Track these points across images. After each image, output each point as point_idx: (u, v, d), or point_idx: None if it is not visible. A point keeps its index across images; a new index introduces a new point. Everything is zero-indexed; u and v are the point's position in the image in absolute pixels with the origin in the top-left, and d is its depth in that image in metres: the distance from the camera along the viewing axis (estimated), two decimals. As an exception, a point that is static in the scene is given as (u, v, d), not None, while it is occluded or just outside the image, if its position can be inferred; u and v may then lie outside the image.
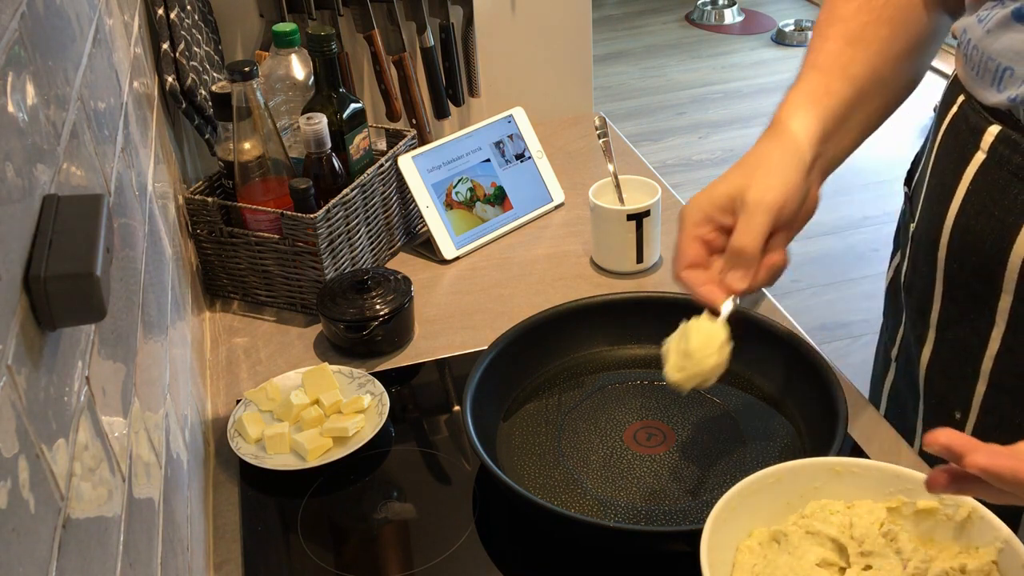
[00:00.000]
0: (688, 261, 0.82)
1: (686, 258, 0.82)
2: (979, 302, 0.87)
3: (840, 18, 0.89)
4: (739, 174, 0.82)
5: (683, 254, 0.83)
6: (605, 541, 0.85)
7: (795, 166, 0.82)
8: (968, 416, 0.91)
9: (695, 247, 0.83)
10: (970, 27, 0.85)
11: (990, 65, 0.82)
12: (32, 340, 0.45)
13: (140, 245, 0.80)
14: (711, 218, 0.82)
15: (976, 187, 0.84)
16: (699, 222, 0.82)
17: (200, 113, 1.23)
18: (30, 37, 0.54)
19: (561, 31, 1.61)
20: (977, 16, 0.84)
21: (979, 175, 0.84)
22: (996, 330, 0.86)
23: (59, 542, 0.43)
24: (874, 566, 0.71)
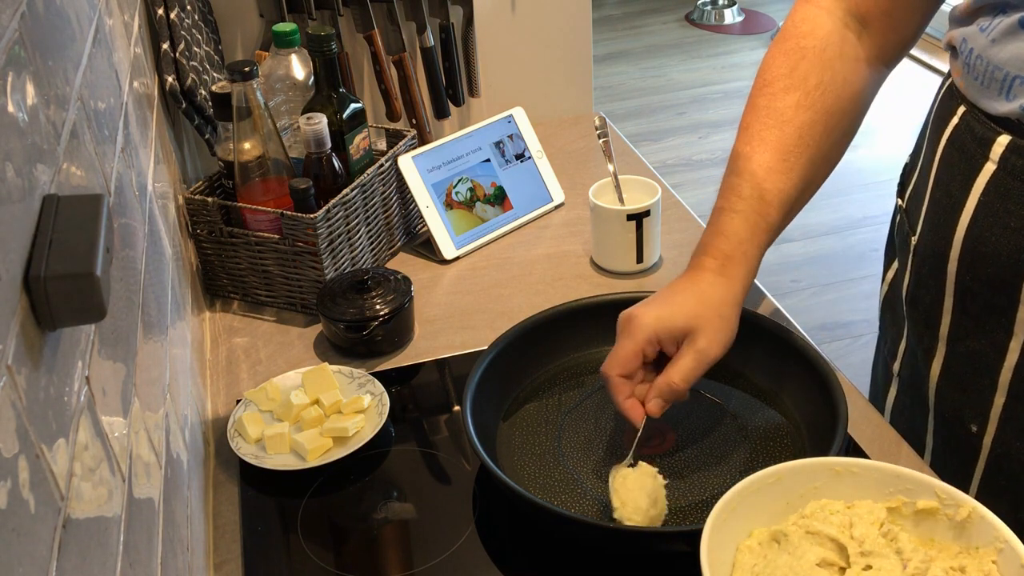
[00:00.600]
0: (626, 370, 0.89)
1: (625, 367, 0.88)
2: (995, 313, 0.86)
3: (779, 117, 0.91)
4: (693, 307, 0.88)
5: (624, 362, 0.88)
6: (605, 541, 0.85)
7: (737, 317, 0.90)
8: (986, 428, 0.90)
9: (636, 360, 0.89)
10: (971, 36, 0.85)
11: (997, 74, 0.81)
12: (32, 340, 0.45)
13: (140, 245, 0.80)
14: (659, 340, 0.88)
15: (988, 198, 0.84)
16: (650, 340, 0.88)
17: (200, 113, 1.23)
18: (30, 37, 0.54)
19: (561, 31, 1.61)
20: (979, 25, 0.84)
21: (990, 186, 0.83)
22: (1015, 341, 0.85)
23: (59, 542, 0.43)
24: (874, 566, 0.71)
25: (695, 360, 0.87)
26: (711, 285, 0.89)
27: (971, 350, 0.90)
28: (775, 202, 0.90)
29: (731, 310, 0.89)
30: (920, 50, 3.73)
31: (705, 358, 0.87)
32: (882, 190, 3.31)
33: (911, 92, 2.90)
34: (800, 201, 0.94)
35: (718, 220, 0.92)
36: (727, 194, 0.92)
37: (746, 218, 0.90)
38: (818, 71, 0.91)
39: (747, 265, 0.90)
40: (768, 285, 1.22)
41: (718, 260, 0.90)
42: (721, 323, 0.88)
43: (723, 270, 0.90)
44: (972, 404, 0.91)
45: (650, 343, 0.88)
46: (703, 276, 0.90)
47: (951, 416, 0.95)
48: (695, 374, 0.87)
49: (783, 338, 1.00)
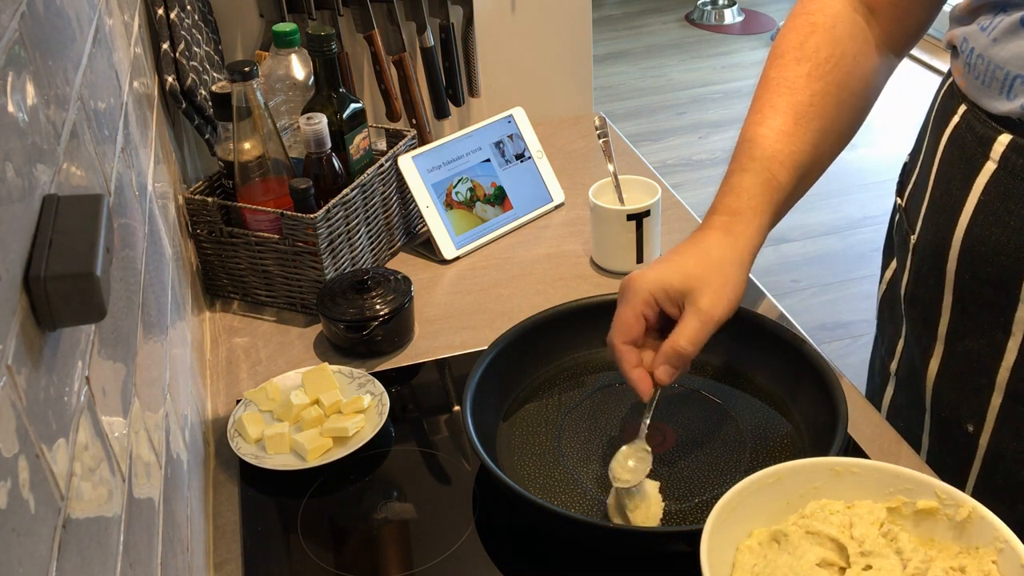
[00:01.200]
0: (629, 336, 0.86)
1: (628, 333, 0.86)
2: (994, 312, 0.86)
3: (790, 86, 0.91)
4: (693, 267, 0.85)
5: (626, 328, 0.86)
6: (605, 541, 0.85)
7: (743, 277, 0.87)
8: (982, 428, 0.90)
9: (639, 325, 0.86)
10: (972, 36, 0.85)
11: (998, 74, 0.81)
12: (32, 340, 0.45)
13: (140, 245, 0.80)
14: (658, 302, 0.85)
15: (988, 197, 0.84)
16: (647, 301, 0.85)
17: (200, 113, 1.23)
18: (30, 37, 0.54)
19: (561, 31, 1.61)
20: (979, 24, 0.84)
21: (990, 185, 0.83)
22: (1013, 340, 0.85)
23: (59, 542, 0.43)
24: (874, 566, 0.71)
25: (699, 321, 0.84)
26: (714, 244, 0.87)
27: (969, 349, 0.90)
28: (787, 163, 0.89)
29: (735, 269, 0.86)
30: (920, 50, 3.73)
31: (709, 319, 0.84)
32: (882, 190, 3.31)
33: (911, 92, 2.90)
34: (811, 170, 0.92)
35: (728, 180, 0.90)
36: (737, 157, 0.91)
37: (756, 175, 0.88)
38: (828, 45, 0.91)
39: (756, 222, 0.88)
40: (768, 285, 1.22)
41: (725, 216, 0.88)
42: (723, 282, 0.85)
43: (729, 227, 0.87)
44: (969, 404, 0.91)
45: (648, 305, 0.85)
46: (707, 235, 0.88)
47: (948, 415, 0.95)
48: (701, 336, 0.84)
49: (783, 338, 1.00)
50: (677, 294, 0.85)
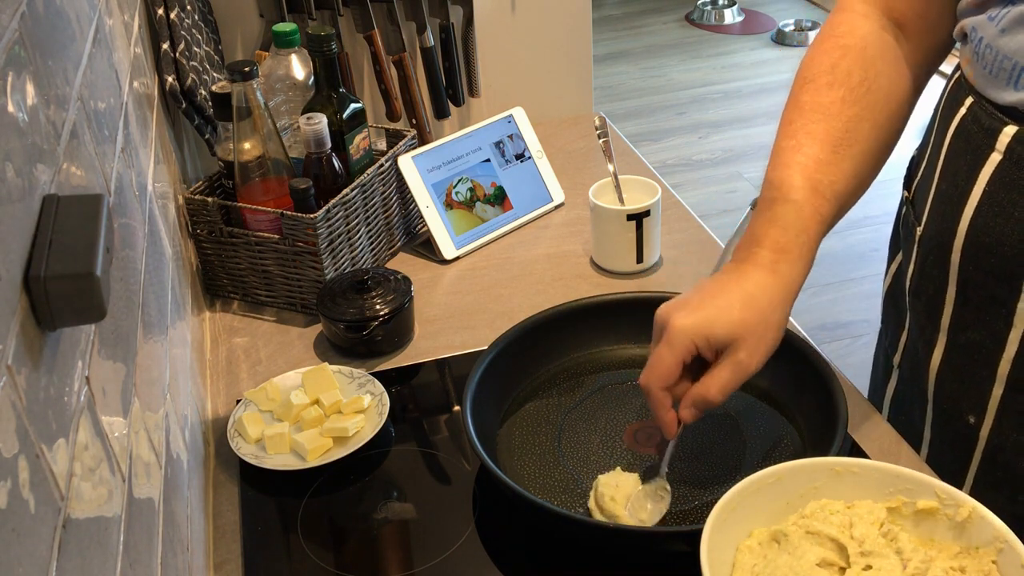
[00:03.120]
0: (667, 383, 0.84)
1: (665, 380, 0.84)
2: (996, 304, 0.86)
3: (824, 112, 0.89)
4: (739, 314, 0.83)
5: (666, 375, 0.84)
6: (605, 541, 0.85)
7: (784, 322, 0.86)
8: (983, 420, 0.90)
9: (676, 372, 0.84)
10: (981, 26, 0.85)
11: (1005, 64, 0.81)
12: (32, 340, 0.45)
13: (140, 245, 0.80)
14: (699, 349, 0.84)
15: (993, 188, 0.83)
16: (689, 349, 0.83)
17: (200, 113, 1.23)
18: (30, 37, 0.54)
19: (561, 31, 1.61)
20: (988, 15, 0.84)
21: (996, 176, 0.83)
22: (1014, 332, 0.85)
23: (59, 542, 0.43)
24: (874, 566, 0.71)
25: (733, 373, 0.83)
26: (759, 286, 0.85)
27: (971, 341, 0.90)
28: (828, 195, 0.87)
29: (779, 315, 0.85)
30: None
31: (744, 371, 0.83)
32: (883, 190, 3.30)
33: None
34: (851, 198, 0.91)
35: (771, 209, 0.87)
36: (777, 185, 0.88)
37: (800, 209, 0.86)
38: (860, 68, 0.90)
39: (803, 261, 0.86)
40: (768, 285, 1.22)
41: (772, 253, 0.85)
42: (765, 331, 0.84)
43: (775, 266, 0.85)
44: (970, 395, 0.91)
45: (689, 352, 0.84)
46: (752, 274, 0.85)
47: (949, 408, 0.95)
48: (732, 387, 0.83)
49: (783, 338, 1.00)
50: (720, 344, 0.83)
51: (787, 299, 0.86)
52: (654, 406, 0.85)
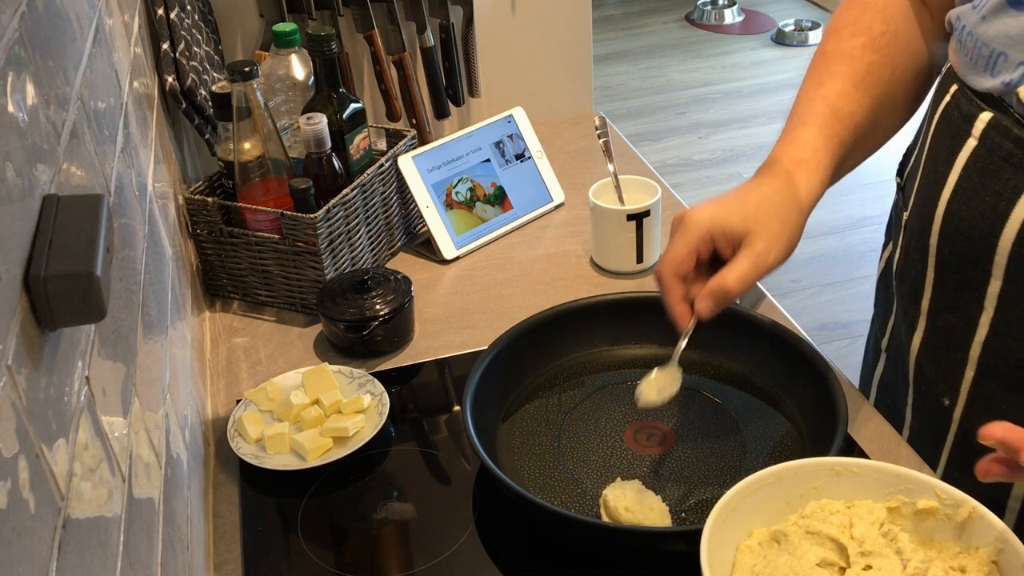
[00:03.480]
0: (679, 270, 0.86)
1: (679, 267, 0.85)
2: (969, 288, 0.87)
3: (847, 55, 0.93)
4: (754, 210, 0.85)
5: (678, 261, 0.85)
6: (604, 541, 0.85)
7: (801, 226, 0.87)
8: (956, 402, 0.91)
9: (691, 259, 0.85)
10: (964, 14, 0.87)
11: (984, 51, 0.83)
12: (32, 340, 0.45)
13: (140, 245, 0.80)
14: (714, 239, 0.85)
15: (967, 173, 0.85)
16: (703, 238, 0.85)
17: (200, 113, 1.23)
18: (30, 37, 0.54)
19: (561, 31, 1.61)
20: (972, 3, 0.86)
21: (970, 161, 0.85)
22: (984, 315, 0.87)
23: (59, 542, 0.43)
24: (874, 566, 0.71)
25: (752, 263, 0.83)
26: (776, 191, 0.86)
27: (947, 324, 0.92)
28: (848, 122, 0.89)
29: (795, 217, 0.86)
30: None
31: (763, 263, 0.84)
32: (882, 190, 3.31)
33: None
34: (868, 137, 0.93)
35: (789, 134, 0.90)
36: (799, 112, 0.91)
37: (820, 129, 0.89)
38: (882, 22, 0.94)
39: (819, 175, 0.88)
40: (768, 285, 1.22)
41: (790, 165, 0.88)
42: (782, 229, 0.85)
43: (792, 176, 0.87)
44: (946, 378, 0.92)
45: (704, 241, 0.85)
46: (768, 181, 0.87)
47: (927, 390, 0.96)
48: (751, 278, 0.84)
49: (783, 338, 1.00)
50: (735, 235, 0.84)
51: (802, 206, 0.87)
52: (665, 294, 0.86)
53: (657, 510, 0.85)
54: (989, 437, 0.63)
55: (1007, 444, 0.63)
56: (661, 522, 0.84)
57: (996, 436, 0.63)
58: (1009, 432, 0.63)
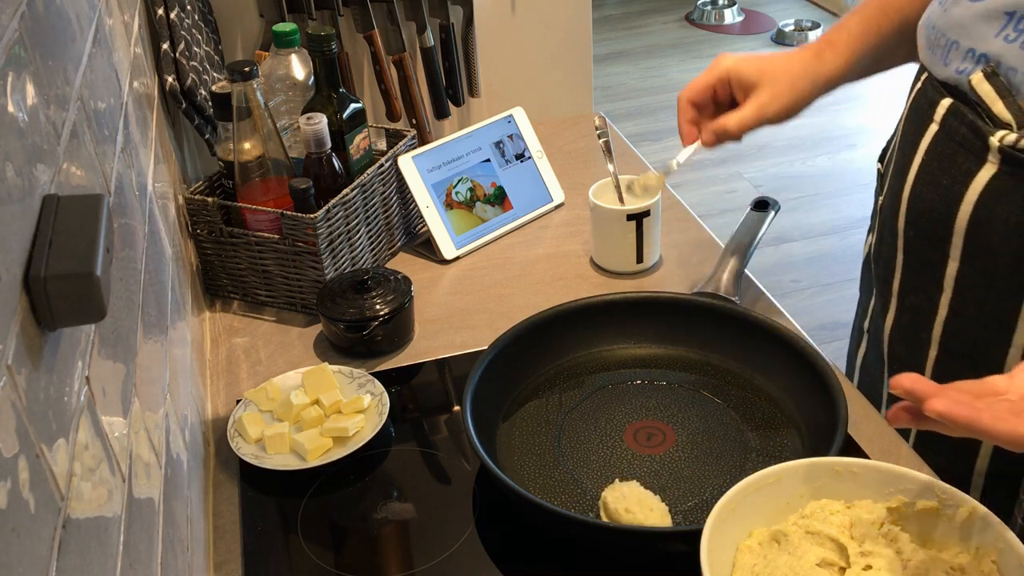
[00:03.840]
0: (696, 98, 1.00)
1: (696, 95, 1.00)
2: (931, 268, 0.90)
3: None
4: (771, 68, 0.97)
5: (697, 90, 0.99)
6: (604, 541, 0.85)
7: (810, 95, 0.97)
8: None
9: (707, 92, 0.99)
10: (932, 8, 0.91)
11: (941, 40, 0.87)
12: (32, 340, 0.45)
13: (140, 245, 0.80)
14: (731, 81, 0.98)
15: (929, 158, 0.89)
16: (722, 78, 0.98)
17: (200, 113, 1.23)
18: (30, 37, 0.54)
19: (561, 31, 1.61)
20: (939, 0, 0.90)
21: (932, 146, 0.89)
22: (944, 296, 0.90)
23: (59, 542, 0.43)
24: (874, 566, 0.71)
25: (753, 111, 0.96)
26: (800, 59, 0.97)
27: (913, 304, 0.95)
28: (894, 17, 0.97)
29: (806, 84, 0.96)
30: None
31: (763, 113, 0.95)
32: (882, 190, 3.31)
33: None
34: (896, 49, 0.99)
35: (844, 17, 1.00)
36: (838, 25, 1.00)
37: (864, 19, 0.98)
38: None
39: (846, 56, 0.97)
40: (768, 285, 1.22)
41: (821, 44, 0.98)
42: (789, 89, 0.96)
43: (820, 53, 0.97)
44: (914, 357, 0.95)
45: (721, 81, 0.98)
46: (799, 52, 0.98)
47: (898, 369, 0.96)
48: (748, 124, 0.96)
49: (783, 338, 1.00)
50: (747, 82, 0.97)
51: (817, 77, 0.97)
52: (679, 113, 1.01)
53: (657, 510, 0.85)
54: (898, 387, 0.66)
55: (914, 394, 0.65)
56: (661, 522, 0.84)
57: (904, 386, 0.66)
58: (916, 383, 0.65)
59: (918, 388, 0.65)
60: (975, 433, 0.63)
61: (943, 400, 0.63)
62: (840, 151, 3.60)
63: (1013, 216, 0.82)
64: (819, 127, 3.79)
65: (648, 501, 0.85)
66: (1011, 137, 0.80)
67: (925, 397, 0.64)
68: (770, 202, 1.23)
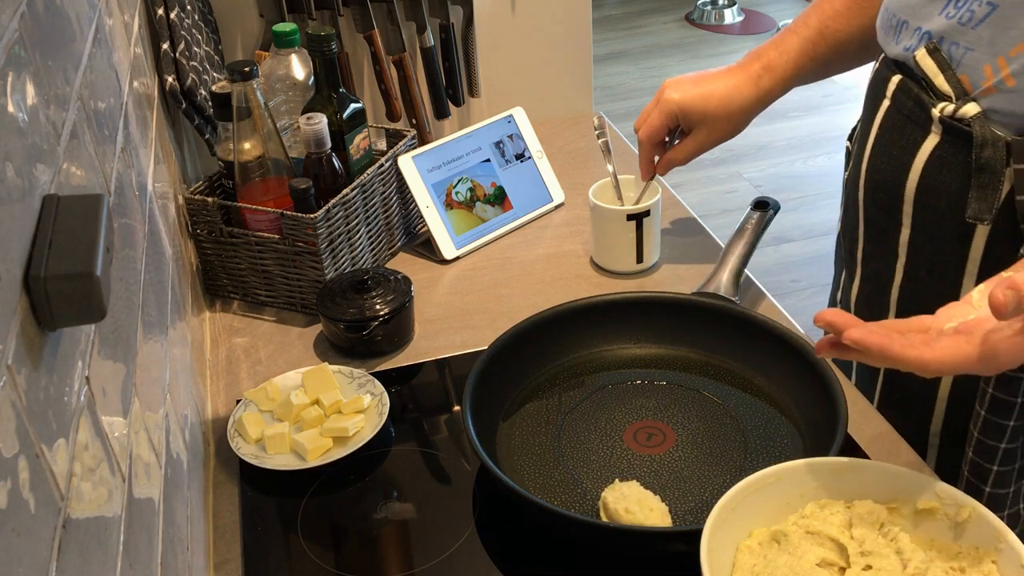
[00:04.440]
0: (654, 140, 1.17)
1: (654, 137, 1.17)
2: (887, 236, 0.96)
3: None
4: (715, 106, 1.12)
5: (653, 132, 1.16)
6: (605, 541, 0.85)
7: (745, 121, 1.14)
8: None
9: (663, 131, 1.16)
10: None
11: (893, 21, 0.92)
12: (32, 340, 0.45)
13: (140, 245, 0.80)
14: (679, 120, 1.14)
15: (882, 131, 0.95)
16: (671, 117, 1.14)
17: (200, 113, 1.23)
18: (30, 37, 0.54)
19: (561, 31, 1.61)
20: None
21: (885, 120, 0.95)
22: (899, 262, 0.95)
23: (59, 542, 0.43)
24: (874, 566, 0.71)
25: (695, 147, 1.16)
26: (741, 92, 1.11)
27: (873, 272, 1.00)
28: (831, 41, 1.07)
29: (743, 117, 1.12)
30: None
31: (701, 148, 1.16)
32: (882, 190, 3.31)
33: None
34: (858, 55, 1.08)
35: (782, 34, 1.11)
36: (800, 17, 1.10)
37: (803, 43, 1.08)
38: None
39: (782, 80, 1.10)
40: (768, 285, 1.23)
41: (761, 69, 1.10)
42: (726, 125, 1.13)
43: (759, 80, 1.10)
44: None
45: (671, 120, 1.14)
46: (741, 77, 1.11)
47: None
48: (694, 155, 1.17)
49: (783, 338, 1.00)
50: (692, 122, 1.14)
51: (754, 107, 1.12)
52: (641, 152, 1.19)
53: (657, 510, 0.85)
54: (820, 320, 0.72)
55: (834, 326, 0.70)
56: (661, 522, 0.84)
57: (826, 319, 0.71)
58: (837, 316, 0.71)
59: (838, 320, 0.70)
60: (888, 360, 0.68)
61: (859, 329, 0.69)
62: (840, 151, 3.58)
63: (955, 183, 0.87)
64: (819, 127, 3.80)
65: (648, 501, 0.85)
66: (950, 108, 0.86)
67: (844, 328, 0.69)
68: (770, 202, 1.23)
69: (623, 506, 0.84)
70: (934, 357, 0.68)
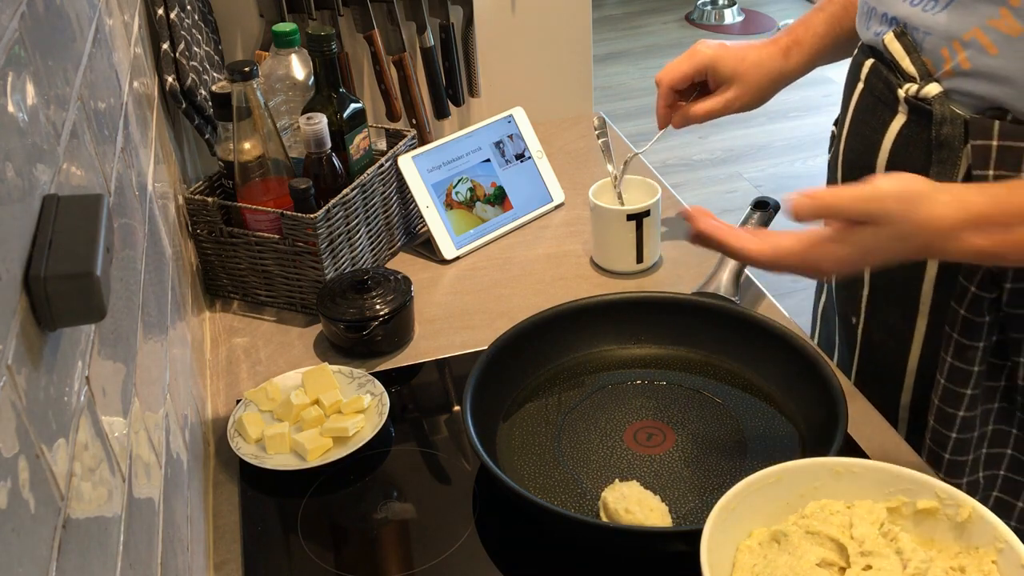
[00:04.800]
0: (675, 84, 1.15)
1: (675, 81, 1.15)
2: None
3: None
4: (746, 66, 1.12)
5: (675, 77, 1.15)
6: (605, 541, 0.85)
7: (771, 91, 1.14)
8: (859, 320, 1.04)
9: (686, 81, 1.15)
10: None
11: (865, 8, 0.96)
12: (32, 340, 0.45)
13: (140, 245, 0.80)
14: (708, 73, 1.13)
15: (856, 113, 0.99)
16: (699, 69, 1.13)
17: (200, 113, 1.23)
18: (30, 37, 0.54)
19: (561, 31, 1.61)
20: None
21: (858, 102, 0.99)
22: None
23: (59, 542, 0.43)
24: (874, 566, 0.71)
25: (721, 105, 1.14)
26: (769, 59, 1.12)
27: None
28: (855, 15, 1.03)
29: (771, 84, 1.13)
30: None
31: (728, 107, 1.13)
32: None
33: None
34: None
35: (808, 13, 1.13)
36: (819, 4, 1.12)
37: (829, 16, 1.10)
38: None
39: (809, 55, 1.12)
40: (768, 285, 1.22)
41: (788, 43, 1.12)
42: (756, 91, 1.13)
43: (788, 53, 1.12)
44: (852, 299, 1.05)
45: (699, 72, 1.13)
46: (768, 48, 1.13)
47: (841, 312, 1.09)
48: (713, 113, 1.14)
49: (783, 338, 1.00)
50: (721, 79, 1.13)
51: (783, 78, 1.13)
52: (659, 97, 1.17)
53: (657, 510, 0.85)
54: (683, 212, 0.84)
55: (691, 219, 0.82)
56: (661, 522, 0.84)
57: (686, 212, 0.83)
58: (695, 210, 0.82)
59: (690, 212, 0.82)
60: (720, 246, 0.81)
61: (705, 221, 0.81)
62: (840, 151, 3.59)
63: (920, 160, 0.90)
64: (819, 127, 3.79)
65: (648, 501, 0.85)
66: (914, 88, 0.90)
67: (695, 219, 0.81)
68: (770, 202, 1.23)
69: (623, 506, 0.84)
70: (757, 248, 0.79)
